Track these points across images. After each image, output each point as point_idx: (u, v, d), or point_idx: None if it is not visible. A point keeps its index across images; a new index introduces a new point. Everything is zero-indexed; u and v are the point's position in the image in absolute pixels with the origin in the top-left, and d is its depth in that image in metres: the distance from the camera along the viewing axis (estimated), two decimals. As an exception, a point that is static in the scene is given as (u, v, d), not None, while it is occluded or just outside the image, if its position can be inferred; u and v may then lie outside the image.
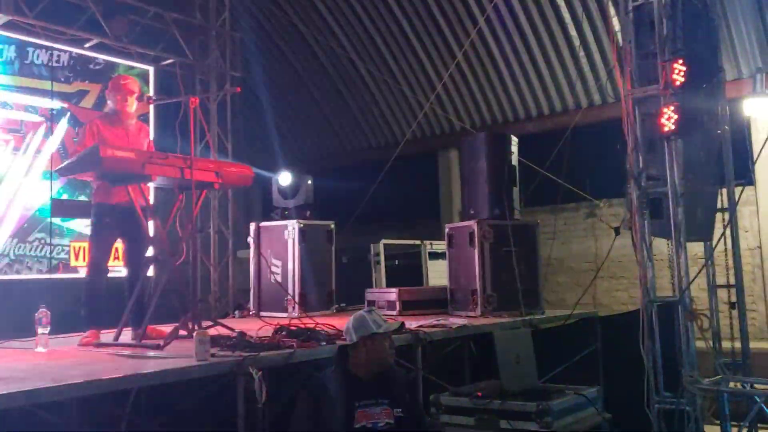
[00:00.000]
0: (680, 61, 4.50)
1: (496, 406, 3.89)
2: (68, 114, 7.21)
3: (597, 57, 8.36)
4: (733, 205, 5.08)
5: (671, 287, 4.88)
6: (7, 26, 6.75)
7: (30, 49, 7.03)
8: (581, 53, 8.44)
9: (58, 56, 7.16)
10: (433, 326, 4.96)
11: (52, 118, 7.08)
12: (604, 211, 8.63)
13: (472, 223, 5.86)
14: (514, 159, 6.19)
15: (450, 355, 5.51)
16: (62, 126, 7.19)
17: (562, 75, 8.84)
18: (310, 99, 11.17)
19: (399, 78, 9.90)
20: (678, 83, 4.48)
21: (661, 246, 5.08)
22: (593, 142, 7.66)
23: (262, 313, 6.51)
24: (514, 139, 6.26)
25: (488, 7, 8.12)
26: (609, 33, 6.91)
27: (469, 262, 5.83)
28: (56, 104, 7.20)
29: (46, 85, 7.08)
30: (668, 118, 4.45)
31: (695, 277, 4.65)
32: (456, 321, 5.24)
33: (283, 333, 4.41)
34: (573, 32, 8.37)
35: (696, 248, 5.29)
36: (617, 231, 6.60)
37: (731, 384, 4.64)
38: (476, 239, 5.76)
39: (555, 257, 7.04)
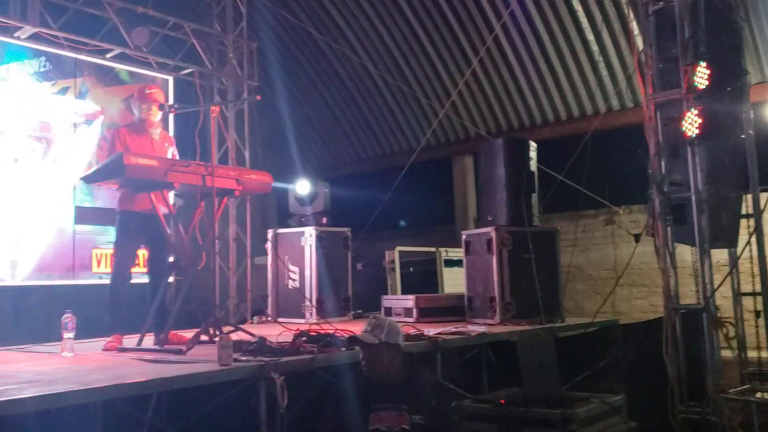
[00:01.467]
0: (703, 65, 4.47)
1: (520, 413, 3.86)
2: (101, 119, 7.27)
3: (615, 61, 8.33)
4: (758, 210, 4.99)
5: (693, 295, 4.83)
6: (33, 38, 6.84)
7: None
8: (599, 58, 8.41)
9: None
10: (452, 334, 4.94)
11: (79, 124, 7.16)
12: (624, 217, 8.57)
13: (490, 230, 5.84)
14: (533, 165, 6.16)
15: (468, 363, 5.49)
16: (94, 132, 7.26)
17: (579, 80, 8.80)
18: (325, 106, 11.21)
19: (413, 84, 9.90)
20: (701, 87, 4.45)
21: (683, 253, 5.04)
22: (612, 147, 7.63)
23: (280, 319, 6.55)
24: (533, 145, 6.23)
25: (504, 13, 8.11)
26: (630, 37, 6.89)
27: (487, 269, 5.81)
28: (89, 107, 7.31)
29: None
30: (692, 123, 4.42)
31: (720, 285, 4.59)
32: (475, 329, 5.22)
33: (303, 338, 4.42)
34: (590, 36, 8.34)
35: (719, 255, 5.23)
36: (637, 238, 6.57)
37: (758, 394, 4.57)
38: (494, 246, 5.73)
39: (573, 264, 6.99)
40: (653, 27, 4.92)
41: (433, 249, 8.50)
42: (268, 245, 7.03)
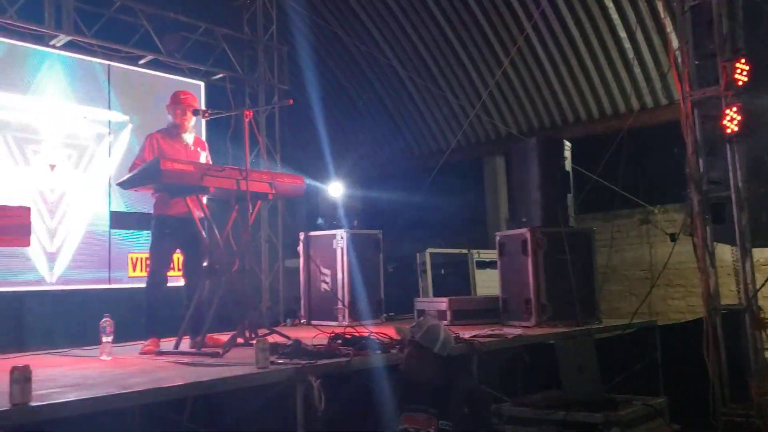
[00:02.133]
0: (742, 61, 4.38)
1: (560, 416, 3.82)
2: (130, 126, 7.37)
3: (648, 58, 8.21)
4: (799, 208, 4.89)
5: (732, 295, 4.74)
6: (68, 46, 6.95)
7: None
8: (632, 55, 8.30)
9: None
10: (488, 336, 4.90)
11: (112, 131, 7.26)
12: (659, 217, 8.44)
13: (525, 231, 5.78)
14: (568, 165, 6.09)
15: (503, 366, 5.45)
16: (124, 138, 7.36)
17: (612, 78, 8.70)
18: (354, 108, 11.23)
19: (443, 85, 9.87)
20: (740, 83, 4.36)
21: (721, 253, 4.95)
22: (646, 146, 7.52)
23: (313, 321, 6.57)
24: (567, 144, 6.16)
25: (535, 12, 8.05)
26: (666, 34, 6.78)
27: (522, 270, 5.75)
28: (119, 115, 7.42)
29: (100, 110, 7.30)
30: (731, 120, 4.34)
31: (763, 284, 4.49)
32: (511, 331, 5.17)
33: (338, 341, 4.42)
34: (623, 34, 8.23)
35: (758, 254, 5.13)
36: (673, 237, 6.46)
37: (803, 396, 4.46)
38: (529, 247, 5.67)
39: (608, 265, 6.90)
40: (689, 23, 4.84)
41: (464, 251, 8.45)
42: (300, 248, 7.06)
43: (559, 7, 8.22)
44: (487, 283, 8.05)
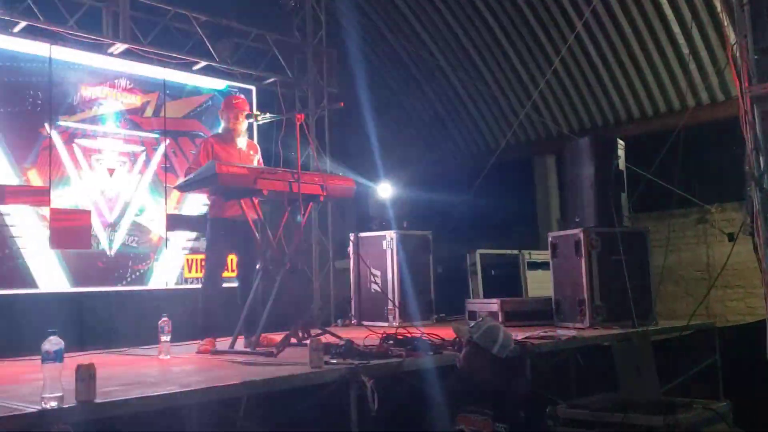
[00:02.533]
0: (804, 55, 4.24)
1: (619, 419, 3.76)
2: (173, 139, 7.56)
3: (704, 54, 8.00)
4: None
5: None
6: (124, 54, 7.15)
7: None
8: (686, 51, 8.11)
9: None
10: (541, 338, 4.86)
11: (158, 141, 7.46)
12: (716, 216, 8.22)
13: (578, 232, 5.71)
14: (622, 164, 5.99)
15: (556, 368, 5.39)
16: (178, 144, 7.57)
17: (666, 74, 8.50)
18: (402, 109, 11.24)
19: (492, 84, 9.80)
20: (803, 78, 4.22)
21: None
22: (702, 143, 7.35)
23: (363, 322, 6.62)
24: (621, 143, 6.06)
25: (586, 11, 7.93)
26: (723, 28, 6.60)
27: (576, 271, 5.67)
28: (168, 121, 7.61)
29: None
30: (793, 116, 4.20)
31: (830, 285, 4.33)
32: (564, 333, 5.11)
33: (390, 342, 4.45)
34: (677, 29, 8.05)
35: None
36: (731, 237, 6.29)
37: None
38: (583, 248, 5.60)
39: (663, 265, 6.75)
40: (747, 16, 4.69)
41: (515, 251, 8.37)
42: (350, 249, 7.12)
43: (610, 4, 8.08)
44: (539, 284, 7.96)
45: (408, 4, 9.58)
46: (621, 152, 6.01)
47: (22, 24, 6.42)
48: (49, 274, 6.53)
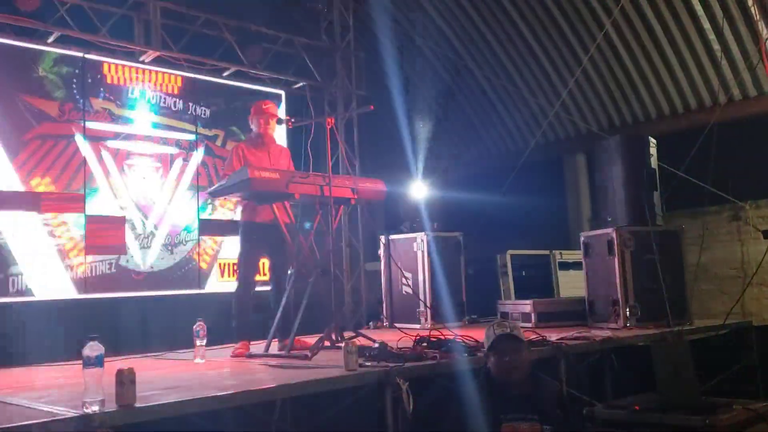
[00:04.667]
0: (841, 49, 4.17)
1: (657, 419, 3.71)
2: (204, 145, 7.66)
3: (735, 49, 7.87)
4: None
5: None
6: (156, 61, 7.26)
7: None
8: (716, 46, 7.99)
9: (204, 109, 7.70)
10: (575, 339, 4.83)
11: (190, 148, 7.55)
12: (750, 213, 8.09)
13: (611, 231, 5.66)
14: (653, 162, 5.92)
15: (590, 369, 5.34)
16: (199, 154, 7.66)
17: (696, 71, 8.38)
18: (430, 111, 11.20)
19: (520, 84, 9.75)
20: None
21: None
22: (734, 139, 7.23)
23: (395, 324, 6.61)
24: (653, 141, 5.99)
25: (615, 9, 7.86)
26: (754, 23, 6.51)
27: (609, 271, 5.63)
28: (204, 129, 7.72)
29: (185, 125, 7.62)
30: (830, 110, 4.12)
31: None
32: (599, 333, 5.07)
33: (424, 344, 4.45)
34: (706, 24, 7.93)
35: None
36: (766, 234, 6.19)
37: None
38: (616, 247, 5.55)
39: (697, 264, 6.67)
40: (782, 10, 4.63)
41: (546, 252, 8.32)
42: (381, 251, 7.12)
43: (638, 1, 7.99)
44: (571, 285, 7.90)
45: (435, 6, 9.57)
46: (653, 150, 5.95)
47: (57, 34, 6.56)
48: (87, 280, 6.66)
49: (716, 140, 6.29)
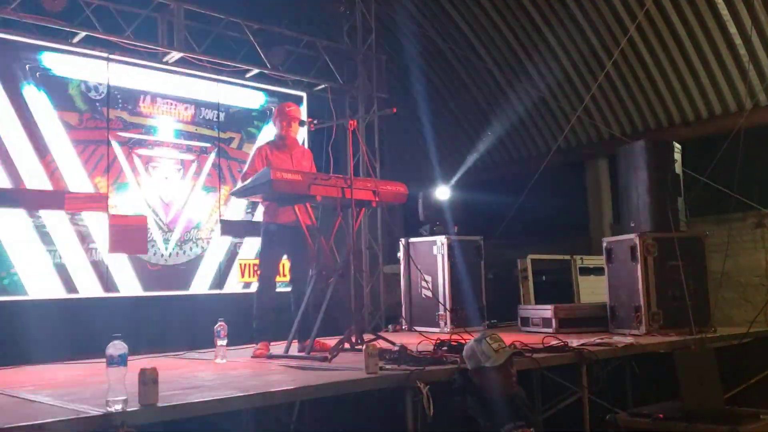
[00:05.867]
0: None
1: (682, 428, 3.66)
2: (217, 148, 7.72)
3: (762, 54, 7.77)
4: None
5: None
6: (179, 62, 7.32)
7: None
8: (742, 51, 7.90)
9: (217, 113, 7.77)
10: (597, 345, 4.79)
11: (204, 151, 7.61)
12: (776, 220, 7.98)
13: (634, 237, 5.61)
14: (678, 167, 5.86)
15: (611, 376, 5.29)
16: (213, 156, 7.73)
17: (721, 76, 8.29)
18: (450, 113, 11.20)
19: (542, 88, 9.70)
20: None
21: None
22: (760, 145, 7.15)
23: (415, 327, 6.60)
24: (677, 146, 5.93)
25: (639, 13, 7.79)
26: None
27: (632, 277, 5.58)
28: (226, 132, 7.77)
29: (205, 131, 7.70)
30: None
31: None
32: (621, 340, 5.02)
33: (444, 348, 4.44)
34: (733, 29, 7.84)
35: None
36: (792, 242, 6.10)
37: None
38: (639, 253, 5.50)
39: (721, 271, 6.59)
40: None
41: (567, 256, 8.26)
42: (401, 254, 7.11)
43: (664, 6, 7.92)
44: (591, 290, 7.84)
45: (458, 9, 9.56)
46: (677, 156, 5.89)
47: (82, 34, 6.63)
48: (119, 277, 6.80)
49: (742, 146, 6.20)
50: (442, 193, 7.60)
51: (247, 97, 8.08)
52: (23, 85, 6.39)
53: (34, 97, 6.45)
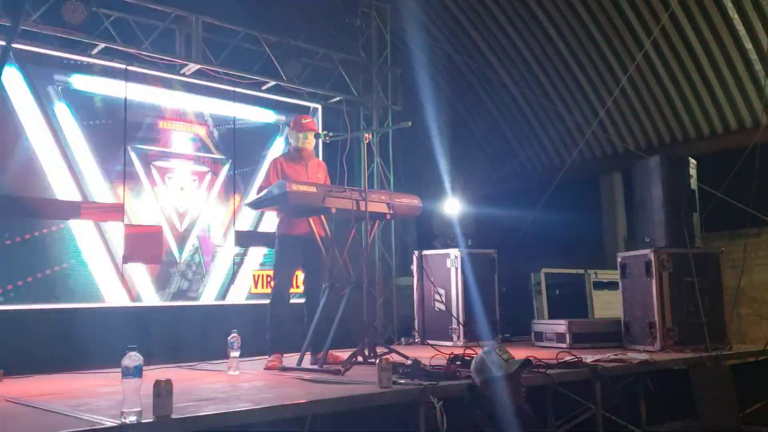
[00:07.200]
0: None
1: (697, 447, 3.65)
2: (230, 162, 7.77)
3: (778, 70, 7.76)
4: None
5: None
6: (196, 74, 7.38)
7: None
8: (758, 67, 7.87)
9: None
10: (611, 361, 4.75)
11: (220, 163, 7.68)
12: (792, 237, 7.91)
13: (649, 252, 5.58)
14: (693, 183, 5.84)
15: (624, 392, 5.25)
16: (225, 170, 7.79)
17: (736, 91, 8.25)
18: (464, 126, 11.21)
19: (556, 101, 9.69)
20: None
21: None
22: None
23: (428, 341, 6.59)
24: (693, 162, 5.91)
25: (655, 28, 7.78)
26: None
27: (646, 293, 5.55)
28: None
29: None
30: None
31: None
32: (636, 356, 4.99)
33: (458, 362, 4.42)
34: (749, 45, 7.82)
35: None
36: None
37: None
38: (654, 269, 5.47)
39: (736, 287, 6.53)
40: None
41: (581, 270, 8.23)
42: (414, 267, 7.11)
43: (679, 21, 7.90)
44: (605, 305, 7.81)
45: (473, 22, 9.58)
46: (693, 171, 5.87)
47: (101, 46, 6.71)
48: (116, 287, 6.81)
49: (758, 161, 6.17)
50: (456, 206, 7.59)
51: (261, 113, 8.16)
52: (53, 103, 6.58)
53: (63, 113, 6.64)
